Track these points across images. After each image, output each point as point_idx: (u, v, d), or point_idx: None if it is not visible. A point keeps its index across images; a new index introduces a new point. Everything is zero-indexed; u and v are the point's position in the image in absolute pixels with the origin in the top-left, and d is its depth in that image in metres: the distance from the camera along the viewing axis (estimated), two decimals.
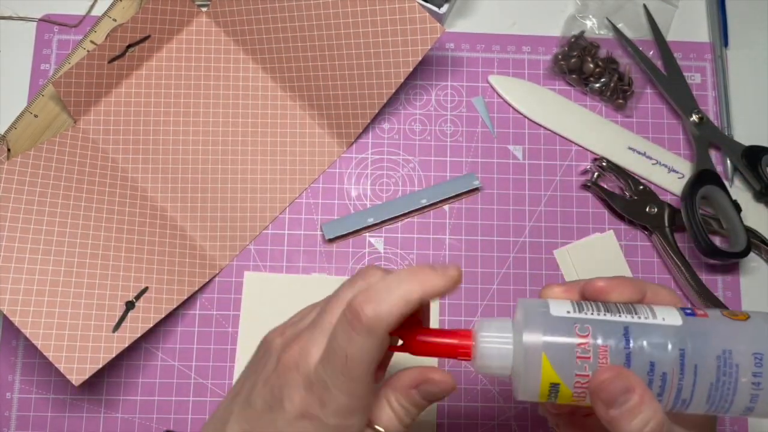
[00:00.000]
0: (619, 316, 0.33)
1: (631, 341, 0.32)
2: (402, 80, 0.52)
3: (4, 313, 0.46)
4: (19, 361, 0.51)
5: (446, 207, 0.54)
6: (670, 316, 0.33)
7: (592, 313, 0.33)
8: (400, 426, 0.34)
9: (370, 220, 0.53)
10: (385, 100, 0.53)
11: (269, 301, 0.52)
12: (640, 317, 0.33)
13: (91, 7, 0.57)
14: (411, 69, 0.52)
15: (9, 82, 0.55)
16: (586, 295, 0.35)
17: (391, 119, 0.56)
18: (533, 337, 0.33)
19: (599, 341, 0.32)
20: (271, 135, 0.54)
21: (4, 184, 0.48)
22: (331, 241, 0.53)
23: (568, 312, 0.33)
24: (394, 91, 0.53)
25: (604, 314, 0.33)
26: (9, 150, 0.53)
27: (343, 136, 0.55)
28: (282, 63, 0.54)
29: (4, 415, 0.50)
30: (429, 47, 0.51)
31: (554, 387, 0.33)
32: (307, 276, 0.53)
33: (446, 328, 0.52)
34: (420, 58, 0.51)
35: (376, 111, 0.53)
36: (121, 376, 0.51)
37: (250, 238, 0.53)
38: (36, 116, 0.54)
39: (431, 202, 0.54)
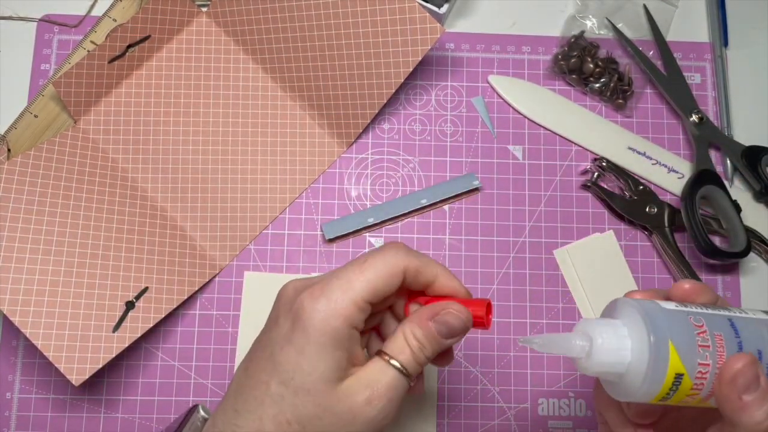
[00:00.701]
0: (719, 311, 0.34)
1: (739, 331, 0.33)
2: (402, 80, 0.52)
3: (4, 313, 0.46)
4: (19, 361, 0.51)
5: (446, 207, 0.54)
6: (756, 312, 0.35)
7: (696, 308, 0.34)
8: (414, 362, 0.35)
9: (371, 220, 0.53)
10: (385, 100, 0.53)
11: (269, 301, 0.52)
12: (735, 312, 0.35)
13: (91, 7, 0.57)
14: (411, 69, 0.52)
15: (9, 82, 0.55)
16: (672, 298, 0.36)
17: (391, 119, 0.56)
18: (660, 329, 0.32)
19: (714, 330, 0.33)
20: (271, 135, 0.54)
21: (4, 184, 0.49)
22: (331, 241, 0.53)
23: (677, 306, 0.34)
24: (394, 91, 0.53)
25: (706, 309, 0.34)
26: (9, 150, 0.53)
27: (343, 136, 0.55)
28: (282, 63, 0.54)
29: (4, 415, 0.50)
30: (429, 47, 0.51)
31: (678, 379, 0.33)
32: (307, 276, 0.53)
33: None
34: (420, 58, 0.51)
35: (376, 111, 0.53)
36: (121, 376, 0.51)
37: (250, 238, 0.53)
38: (36, 116, 0.54)
39: (431, 202, 0.54)
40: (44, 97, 0.54)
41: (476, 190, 0.54)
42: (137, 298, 0.49)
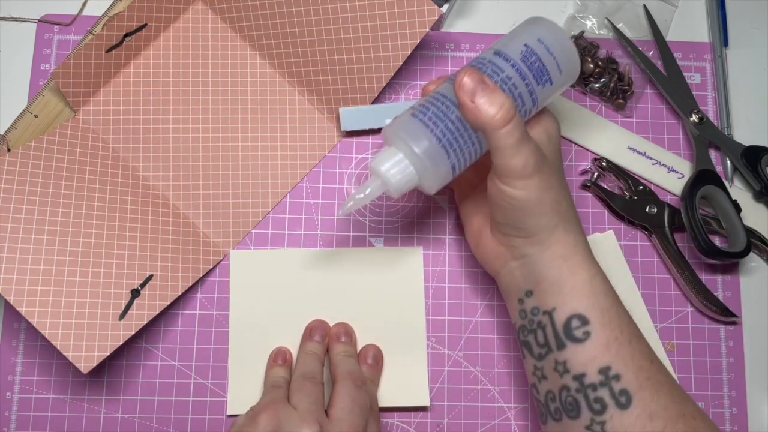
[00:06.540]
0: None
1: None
2: (400, 63, 0.52)
3: (11, 303, 0.46)
4: (19, 361, 0.51)
5: (446, 207, 0.54)
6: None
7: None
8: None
9: (388, 122, 0.53)
10: (384, 84, 0.53)
11: (258, 278, 0.53)
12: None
13: (83, 6, 0.57)
14: (410, 52, 0.52)
15: (9, 82, 0.55)
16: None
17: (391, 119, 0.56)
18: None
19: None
20: (270, 121, 0.55)
21: (7, 176, 0.49)
22: (348, 134, 0.54)
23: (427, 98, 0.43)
24: (393, 74, 0.53)
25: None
26: (9, 150, 0.53)
27: None
28: (279, 48, 0.54)
29: (4, 415, 0.50)
30: (427, 29, 0.51)
31: None
32: (293, 250, 0.53)
33: (448, 323, 0.52)
34: (418, 41, 0.52)
35: (376, 94, 0.54)
36: (121, 376, 0.51)
37: (253, 224, 0.53)
38: (36, 116, 0.54)
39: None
40: (44, 97, 0.54)
41: None
42: (142, 286, 0.49)
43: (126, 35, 0.53)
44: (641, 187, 0.54)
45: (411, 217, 0.54)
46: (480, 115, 0.39)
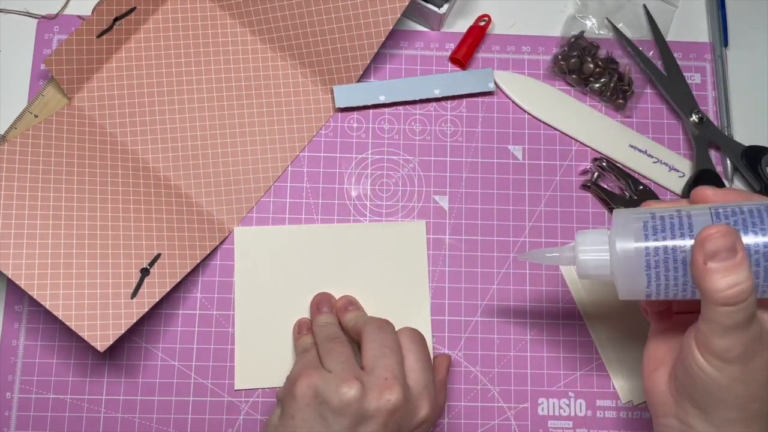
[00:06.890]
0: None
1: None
2: (391, 28, 0.53)
3: (23, 287, 0.46)
4: (19, 361, 0.51)
5: (447, 206, 0.54)
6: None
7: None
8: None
9: (382, 98, 0.54)
10: (375, 50, 0.54)
11: (263, 254, 0.53)
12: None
13: (66, 4, 0.57)
14: (399, 15, 0.52)
15: (9, 82, 0.55)
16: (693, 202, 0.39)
17: (391, 119, 0.56)
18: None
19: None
20: (265, 96, 0.55)
21: (7, 164, 0.49)
22: (342, 110, 0.54)
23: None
24: (383, 39, 0.53)
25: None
26: None
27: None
28: (269, 24, 0.55)
29: (4, 415, 0.50)
30: (405, 4, 0.52)
31: None
32: (297, 226, 0.54)
33: (448, 323, 0.52)
34: (406, 4, 0.52)
35: (368, 61, 0.54)
36: (121, 376, 0.51)
37: (255, 200, 0.54)
38: (36, 116, 0.54)
39: (444, 95, 0.55)
40: (44, 97, 0.54)
41: (491, 93, 0.56)
42: (151, 265, 0.50)
43: (116, 19, 0.53)
44: (641, 188, 0.54)
45: (411, 217, 0.54)
46: (705, 282, 0.34)
